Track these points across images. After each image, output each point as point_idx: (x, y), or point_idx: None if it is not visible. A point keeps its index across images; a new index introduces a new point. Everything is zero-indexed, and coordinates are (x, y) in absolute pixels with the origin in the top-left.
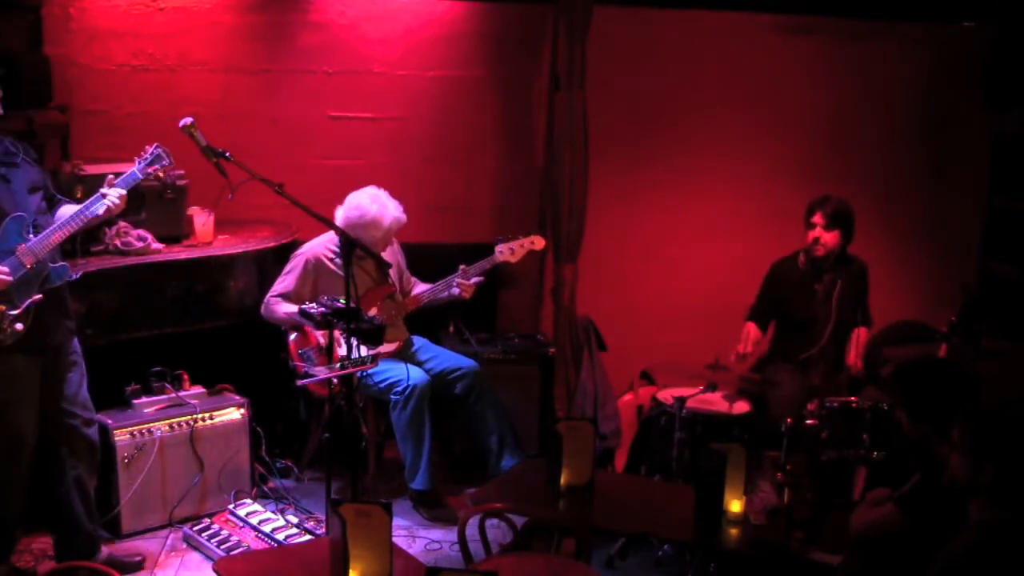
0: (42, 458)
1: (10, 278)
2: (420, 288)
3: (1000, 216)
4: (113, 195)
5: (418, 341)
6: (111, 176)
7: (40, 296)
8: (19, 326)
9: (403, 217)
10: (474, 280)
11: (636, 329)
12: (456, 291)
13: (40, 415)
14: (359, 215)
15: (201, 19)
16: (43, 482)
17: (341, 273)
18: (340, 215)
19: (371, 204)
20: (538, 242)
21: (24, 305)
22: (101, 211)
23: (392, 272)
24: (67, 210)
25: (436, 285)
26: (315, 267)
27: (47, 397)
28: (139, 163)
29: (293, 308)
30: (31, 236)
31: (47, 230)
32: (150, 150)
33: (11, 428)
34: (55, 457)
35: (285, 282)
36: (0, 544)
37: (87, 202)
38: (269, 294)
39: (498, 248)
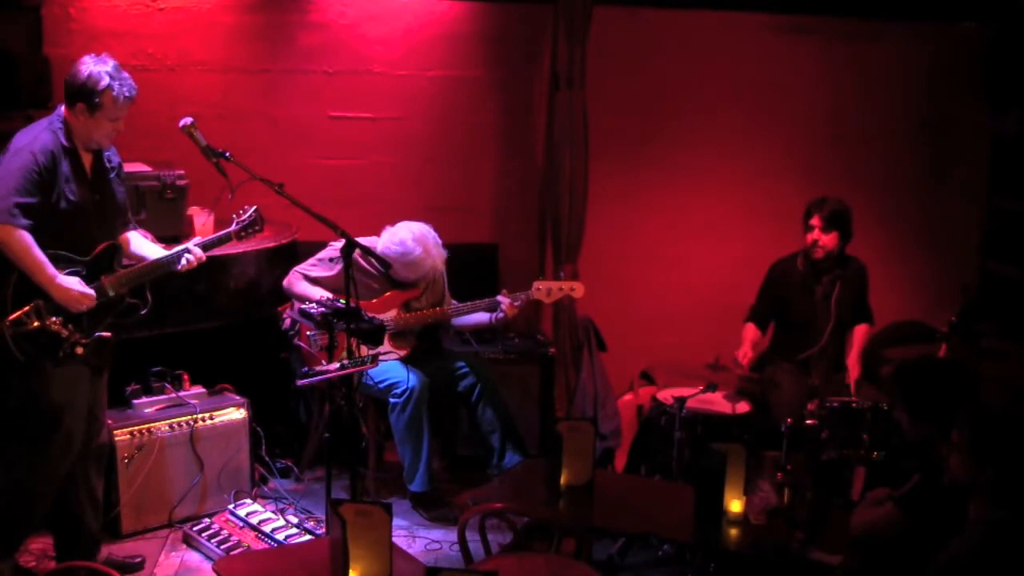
0: None
1: (94, 301)
2: (454, 305)
3: (1000, 216)
4: (196, 254)
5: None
6: (199, 238)
7: (109, 335)
8: (79, 350)
9: (442, 267)
10: (518, 303)
11: (636, 329)
12: (495, 315)
13: None
14: (401, 252)
15: (201, 19)
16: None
17: (370, 282)
18: (383, 239)
19: (415, 246)
20: (578, 289)
21: (94, 336)
22: (179, 267)
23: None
24: (136, 239)
25: (465, 304)
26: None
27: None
28: (236, 225)
29: (311, 292)
30: (116, 266)
31: (135, 268)
32: (248, 212)
33: (65, 431)
34: (76, 460)
35: (315, 268)
36: (14, 540)
37: (169, 255)
38: (297, 268)
39: (535, 285)
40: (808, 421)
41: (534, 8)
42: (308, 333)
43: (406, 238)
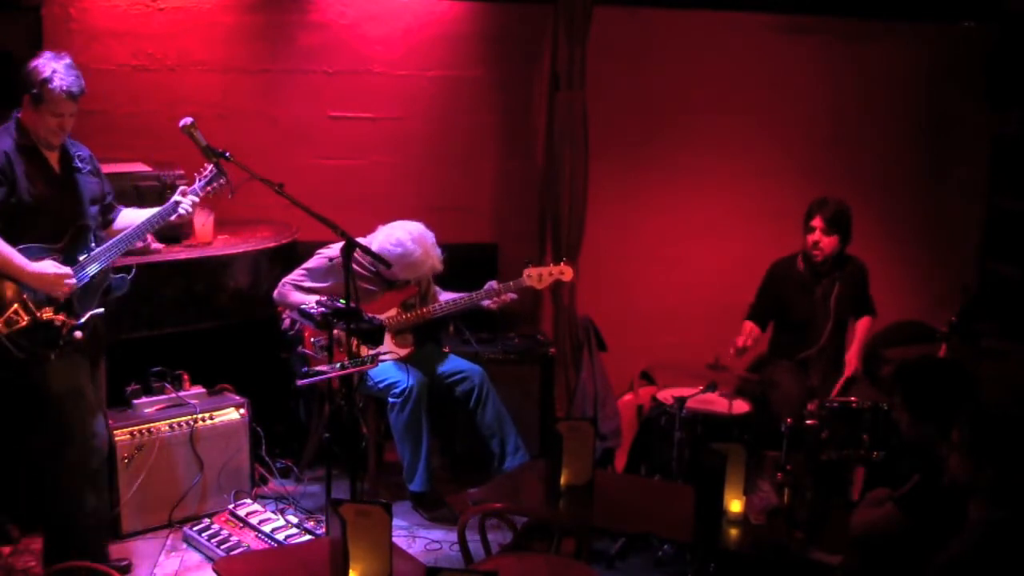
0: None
1: (74, 281)
2: (445, 296)
3: (1000, 216)
4: (187, 203)
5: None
6: (183, 187)
7: (101, 310)
8: (78, 334)
9: (440, 268)
10: (508, 296)
11: (636, 329)
12: (486, 303)
13: None
14: (401, 254)
15: (201, 19)
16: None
17: (367, 285)
18: (378, 239)
19: (415, 247)
20: (567, 273)
21: (87, 316)
22: (173, 218)
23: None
24: (130, 215)
25: (460, 297)
26: (339, 267)
27: None
28: (200, 181)
29: (308, 300)
30: (94, 245)
31: (115, 240)
32: (208, 168)
33: (77, 419)
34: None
35: (305, 275)
36: (88, 539)
37: (160, 210)
38: (287, 279)
39: (526, 272)
40: (808, 421)
41: (534, 8)
42: (312, 339)
43: (404, 239)
